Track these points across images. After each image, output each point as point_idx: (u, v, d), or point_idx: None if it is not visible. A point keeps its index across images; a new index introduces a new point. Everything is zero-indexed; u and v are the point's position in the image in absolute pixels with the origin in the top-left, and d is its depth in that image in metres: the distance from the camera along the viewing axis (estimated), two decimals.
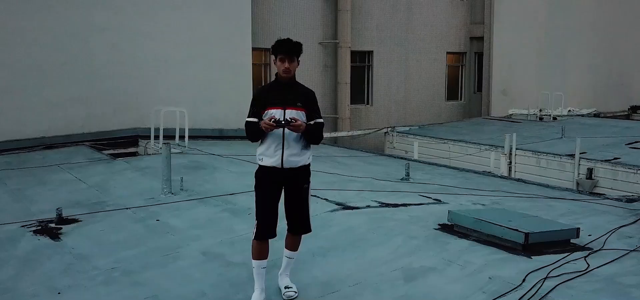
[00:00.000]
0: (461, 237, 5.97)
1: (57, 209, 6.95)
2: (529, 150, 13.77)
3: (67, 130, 12.91)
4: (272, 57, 4.65)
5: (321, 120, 4.59)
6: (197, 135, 13.33)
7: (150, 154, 12.01)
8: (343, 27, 17.55)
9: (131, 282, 5.08)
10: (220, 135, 14.70)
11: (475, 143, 15.02)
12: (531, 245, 5.49)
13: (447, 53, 20.68)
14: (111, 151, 12.85)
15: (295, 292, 4.55)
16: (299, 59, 4.58)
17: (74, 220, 6.92)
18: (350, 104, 18.20)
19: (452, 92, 21.18)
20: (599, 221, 7.16)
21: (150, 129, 12.37)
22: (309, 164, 4.54)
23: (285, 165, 4.40)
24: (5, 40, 12.19)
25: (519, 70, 20.92)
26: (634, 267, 5.33)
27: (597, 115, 23.20)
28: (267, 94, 4.54)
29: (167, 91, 14.01)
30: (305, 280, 4.84)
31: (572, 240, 5.87)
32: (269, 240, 4.46)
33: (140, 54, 13.78)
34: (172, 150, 8.62)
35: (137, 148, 13.42)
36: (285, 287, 4.60)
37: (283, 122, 4.28)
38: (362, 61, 18.88)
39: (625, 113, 24.97)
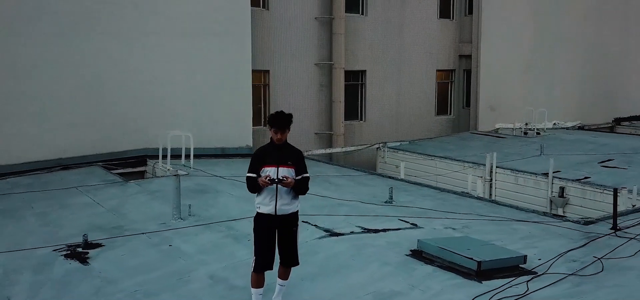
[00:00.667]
0: (427, 263, 7.09)
1: (83, 235, 8.07)
2: (508, 169, 14.87)
3: (81, 151, 14.01)
4: (268, 126, 5.72)
5: (307, 175, 5.70)
6: (201, 154, 14.33)
7: (159, 176, 13.14)
8: (337, 49, 18.67)
9: None
10: (222, 154, 15.79)
11: (459, 160, 16.12)
12: (483, 271, 6.60)
13: (437, 70, 21.79)
14: (121, 170, 13.99)
15: None
16: (289, 128, 5.65)
17: (98, 245, 8.04)
18: (345, 120, 19.29)
19: (442, 107, 22.29)
20: (553, 245, 8.27)
21: (157, 149, 13.51)
22: (297, 211, 5.65)
23: (278, 213, 5.51)
24: (25, 67, 13.29)
25: (506, 86, 22.02)
26: (567, 290, 6.44)
27: (581, 127, 24.34)
28: (263, 154, 5.64)
29: (172, 113, 15.11)
30: None
31: (520, 265, 6.99)
32: (265, 273, 5.57)
33: (147, 79, 14.86)
34: (179, 171, 9.73)
35: (145, 167, 14.54)
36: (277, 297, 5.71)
37: (276, 180, 5.39)
38: (355, 80, 19.99)
39: (610, 125, 26.09)
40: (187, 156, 13.38)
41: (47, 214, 9.80)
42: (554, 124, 23.45)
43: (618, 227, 9.28)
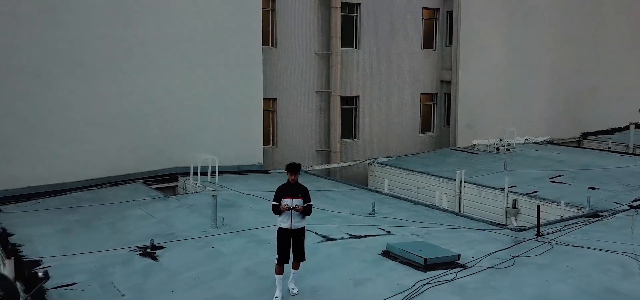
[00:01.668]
0: (392, 260, 10.31)
1: (151, 240, 11.31)
2: (474, 184, 18.07)
3: (125, 170, 17.23)
4: (286, 171, 8.89)
5: (310, 203, 8.89)
6: (222, 171, 17.47)
7: (190, 191, 16.37)
8: (334, 79, 21.88)
9: (207, 288, 9.40)
10: (238, 170, 18.99)
11: (435, 175, 19.33)
12: (428, 265, 9.81)
13: (421, 94, 25.01)
14: (158, 186, 17.22)
15: (297, 291, 8.87)
16: (299, 172, 8.84)
17: (161, 247, 11.26)
18: (341, 138, 22.50)
19: (426, 126, 25.51)
20: (488, 247, 11.46)
21: (185, 167, 16.79)
22: (304, 226, 8.85)
23: (293, 228, 8.71)
24: (81, 100, 16.50)
25: (481, 107, 25.19)
26: (482, 278, 9.64)
27: (550, 142, 27.54)
28: (282, 190, 8.82)
29: (196, 136, 18.31)
30: (302, 286, 9.13)
31: (456, 261, 10.20)
32: (285, 265, 8.77)
33: (175, 107, 18.04)
34: (207, 187, 12.93)
35: (177, 183, 17.78)
36: (291, 288, 8.91)
37: (291, 207, 8.60)
38: (350, 104, 23.20)
39: (577, 139, 29.31)
40: (212, 173, 16.66)
41: (114, 224, 13.03)
42: (526, 139, 26.68)
43: (540, 233, 12.52)
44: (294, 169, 8.83)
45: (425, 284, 9.14)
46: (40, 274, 9.52)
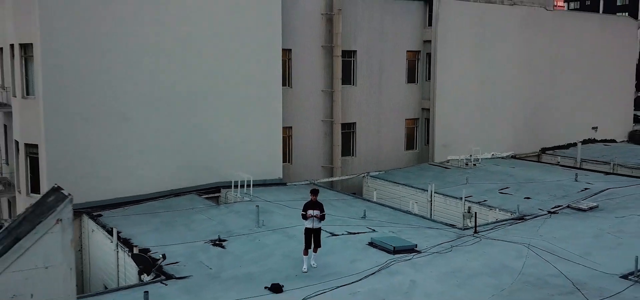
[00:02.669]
0: (373, 248, 16.38)
1: (218, 235, 17.39)
2: (441, 194, 24.10)
3: (182, 184, 23.25)
4: (311, 193, 14.97)
5: (324, 213, 14.97)
6: (248, 184, 23.43)
7: (231, 201, 22.44)
8: (336, 109, 27.94)
9: (261, 264, 15.46)
10: (263, 183, 24.94)
11: (413, 187, 25.36)
12: (396, 250, 15.88)
13: (405, 119, 31.08)
14: (206, 196, 23.26)
15: (316, 265, 14.95)
16: (318, 193, 14.94)
17: (225, 240, 17.33)
18: (341, 156, 28.56)
19: (409, 144, 31.57)
20: (438, 240, 17.49)
21: (226, 181, 22.86)
22: (320, 227, 14.93)
23: (314, 228, 14.80)
24: (151, 133, 22.52)
25: (454, 129, 31.18)
26: (428, 259, 15.69)
27: (514, 157, 33.56)
28: (308, 204, 14.88)
29: (232, 156, 24.27)
30: (318, 263, 15.17)
31: (414, 249, 16.25)
32: (309, 250, 14.86)
33: (216, 135, 24.02)
34: (245, 198, 18.95)
35: (219, 194, 23.84)
36: (313, 263, 15.00)
37: (313, 216, 14.67)
38: (349, 129, 29.26)
39: (537, 153, 35.38)
40: (248, 186, 22.75)
41: (187, 225, 19.09)
42: (492, 154, 32.73)
43: (477, 231, 18.58)
44: (315, 192, 14.91)
45: (392, 262, 15.22)
46: (160, 256, 15.55)
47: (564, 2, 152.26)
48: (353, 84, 29.12)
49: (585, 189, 24.40)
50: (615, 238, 17.70)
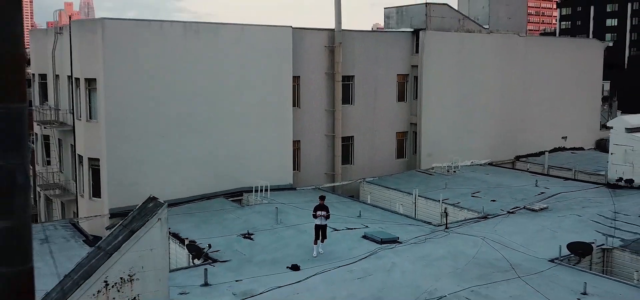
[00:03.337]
0: (366, 239, 21.65)
1: (247, 230, 22.69)
2: (423, 197, 29.36)
3: (212, 190, 28.51)
4: (319, 198, 20.29)
5: (329, 213, 20.27)
6: (266, 189, 28.72)
7: (252, 204, 27.73)
8: (337, 126, 33.21)
9: (282, 252, 20.75)
10: (276, 188, 30.20)
11: (401, 191, 30.61)
12: (383, 241, 21.15)
13: (396, 132, 36.35)
14: (232, 199, 28.54)
15: (322, 252, 20.23)
16: (325, 198, 20.26)
17: (252, 234, 22.62)
18: (342, 164, 33.83)
19: (400, 154, 36.85)
20: (416, 234, 22.77)
21: (247, 186, 28.13)
22: (326, 224, 20.23)
23: (321, 224, 20.10)
24: (187, 148, 27.77)
25: (438, 140, 36.44)
26: (406, 247, 20.96)
27: (490, 164, 38.82)
28: (317, 207, 20.19)
29: (251, 166, 29.55)
30: (324, 251, 20.45)
31: (397, 240, 21.52)
32: (318, 241, 20.15)
33: (239, 148, 29.27)
34: (263, 201, 24.27)
35: (242, 197, 29.11)
36: (320, 251, 20.27)
37: (321, 215, 19.97)
38: (348, 141, 34.55)
39: (511, 161, 40.66)
40: (265, 191, 28.05)
41: (220, 222, 24.36)
42: (472, 162, 37.99)
43: (448, 227, 23.84)
44: (322, 198, 20.24)
45: (380, 250, 20.51)
46: (206, 245, 20.80)
47: (558, 23, 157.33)
48: (351, 104, 34.38)
49: (542, 193, 29.69)
50: (552, 232, 22.98)
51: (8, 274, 7.47)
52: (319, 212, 20.05)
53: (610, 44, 47.67)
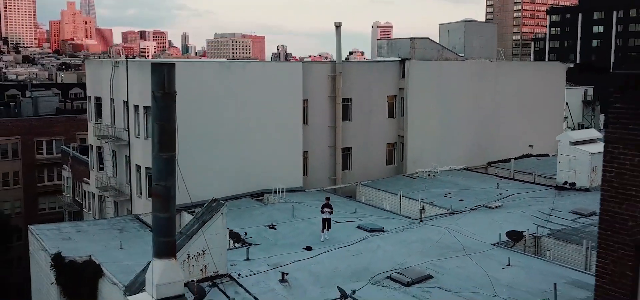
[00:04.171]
0: (360, 230, 29.37)
1: (271, 222, 30.45)
2: (407, 197, 37.02)
3: (240, 191, 36.20)
4: (325, 198, 28.05)
5: (333, 210, 28.02)
6: (282, 191, 36.38)
7: (272, 203, 35.45)
8: (338, 139, 40.90)
9: (299, 239, 28.48)
10: (290, 190, 37.89)
11: (389, 192, 38.27)
12: (371, 230, 28.88)
13: (387, 143, 44.06)
14: (256, 199, 36.27)
15: (328, 238, 27.97)
16: (330, 199, 28.05)
17: (275, 225, 30.34)
18: (342, 170, 41.53)
19: (390, 161, 44.54)
20: (398, 225, 30.49)
21: (267, 188, 35.88)
22: (330, 217, 27.98)
23: (327, 218, 27.86)
24: (217, 157, 35.51)
25: (421, 148, 44.11)
26: (390, 235, 28.68)
27: (466, 169, 46.45)
28: (323, 205, 27.96)
29: (269, 170, 37.18)
30: (329, 237, 28.16)
31: (383, 230, 29.25)
32: (324, 230, 27.89)
33: (260, 158, 36.92)
34: (280, 201, 31.97)
35: (263, 197, 36.83)
36: (326, 237, 28.01)
37: (327, 212, 27.71)
38: (346, 151, 42.25)
39: (484, 166, 48.32)
40: (282, 192, 35.81)
41: (250, 217, 32.09)
42: (449, 167, 45.70)
43: (422, 220, 31.56)
44: (328, 199, 28.02)
45: (369, 236, 28.26)
46: (242, 233, 28.47)
47: (547, 28, 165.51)
48: (350, 120, 42.09)
49: (500, 193, 37.41)
50: (499, 224, 30.67)
51: (169, 242, 16.40)
52: (325, 209, 27.77)
53: (571, 66, 55.25)
